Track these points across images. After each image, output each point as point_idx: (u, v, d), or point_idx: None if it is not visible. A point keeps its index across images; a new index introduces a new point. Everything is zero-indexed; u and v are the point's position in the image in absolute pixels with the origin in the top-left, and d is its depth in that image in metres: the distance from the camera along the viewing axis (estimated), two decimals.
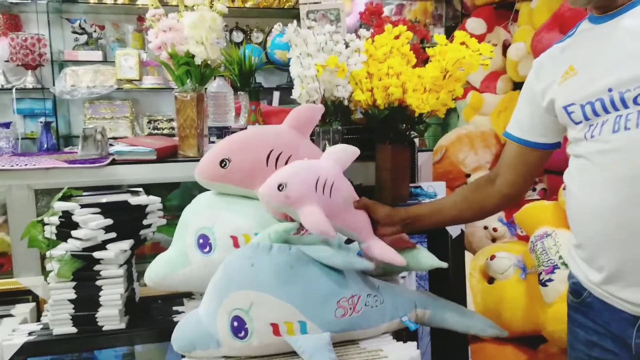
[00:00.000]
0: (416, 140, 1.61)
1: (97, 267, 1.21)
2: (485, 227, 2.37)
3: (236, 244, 1.11)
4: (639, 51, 0.91)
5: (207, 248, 1.13)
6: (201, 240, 1.14)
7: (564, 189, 1.88)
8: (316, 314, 0.97)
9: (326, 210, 1.00)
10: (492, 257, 2.00)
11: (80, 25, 3.31)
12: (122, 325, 1.23)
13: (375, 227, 1.15)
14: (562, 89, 1.02)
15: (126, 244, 1.24)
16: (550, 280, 1.69)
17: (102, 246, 1.21)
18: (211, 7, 1.60)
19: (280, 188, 0.98)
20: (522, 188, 1.19)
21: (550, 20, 2.29)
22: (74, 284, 1.20)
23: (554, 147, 1.13)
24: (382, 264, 1.18)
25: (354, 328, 1.03)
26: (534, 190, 2.44)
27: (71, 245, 1.19)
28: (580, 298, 1.04)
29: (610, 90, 0.93)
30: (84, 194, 1.31)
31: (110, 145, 1.68)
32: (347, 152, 1.09)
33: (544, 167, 1.18)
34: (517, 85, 2.67)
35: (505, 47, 2.64)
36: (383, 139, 1.50)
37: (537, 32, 2.34)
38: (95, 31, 3.35)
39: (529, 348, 1.99)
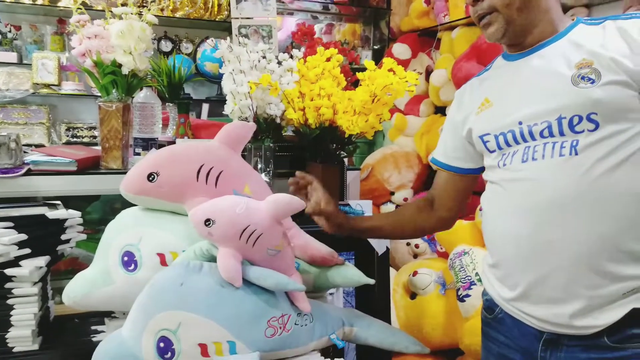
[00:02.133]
0: (345, 159, 1.65)
1: (8, 285, 1.13)
2: (408, 244, 2.46)
3: (163, 262, 1.08)
4: (545, 89, 0.99)
5: (132, 266, 1.09)
6: (126, 258, 1.09)
7: (480, 209, 2.00)
8: (246, 333, 0.97)
9: (245, 257, 1.01)
10: (415, 273, 2.08)
11: None
12: (35, 347, 1.15)
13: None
14: (478, 119, 1.11)
15: (42, 261, 1.17)
16: (467, 295, 1.79)
17: (15, 262, 1.13)
18: (140, 16, 1.56)
19: (207, 223, 0.98)
20: (457, 211, 1.28)
21: (468, 50, 2.45)
22: None
23: (479, 171, 1.21)
24: (312, 282, 1.20)
25: (284, 347, 1.03)
26: None
27: None
28: (492, 314, 1.12)
29: (520, 123, 1.01)
30: None
31: (25, 153, 1.58)
32: (290, 206, 1.04)
33: None
34: (439, 109, 2.83)
35: (428, 72, 2.79)
36: (314, 157, 1.53)
37: (457, 61, 2.49)
38: (10, 31, 3.14)
39: None
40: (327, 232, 1.22)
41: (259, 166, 1.51)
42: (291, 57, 1.51)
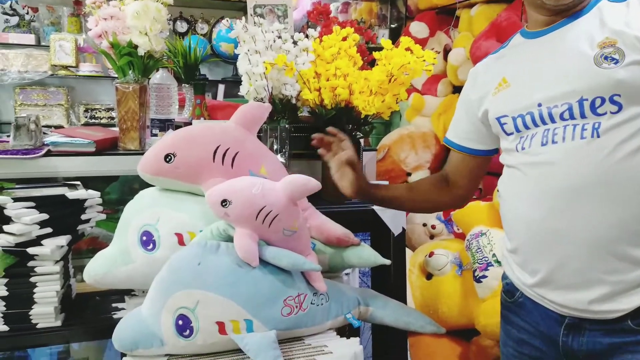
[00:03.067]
0: (361, 140, 1.64)
1: (31, 264, 1.16)
2: (424, 225, 2.45)
3: (181, 242, 1.10)
4: (566, 69, 0.95)
5: (151, 245, 1.11)
6: (144, 238, 1.11)
7: (497, 190, 1.98)
8: (263, 312, 0.98)
9: (262, 237, 1.02)
10: (431, 254, 2.08)
11: (11, 6, 3.11)
12: (58, 323, 1.19)
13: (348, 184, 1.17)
14: (495, 100, 1.07)
15: (63, 240, 1.20)
16: (484, 277, 1.78)
17: (37, 242, 1.16)
18: None
19: (224, 204, 0.99)
20: (471, 189, 1.26)
21: (488, 28, 2.40)
22: (5, 280, 1.14)
23: (492, 153, 1.19)
24: (327, 262, 1.20)
25: (300, 326, 1.05)
26: None
27: (3, 240, 1.13)
28: (513, 298, 1.11)
29: (539, 105, 0.97)
30: (17, 186, 1.25)
31: (45, 134, 1.60)
32: (306, 187, 1.04)
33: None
34: (457, 89, 2.78)
35: (446, 51, 2.74)
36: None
37: (475, 39, 2.44)
38: (27, 13, 3.16)
39: (463, 340, 2.08)
40: (347, 194, 1.17)
41: (275, 147, 1.50)
42: (307, 36, 1.50)
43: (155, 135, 1.71)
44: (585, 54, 0.93)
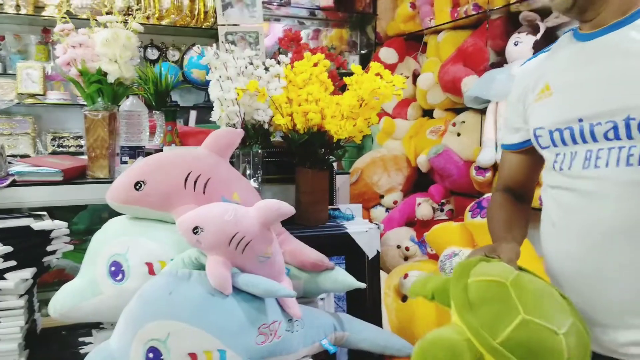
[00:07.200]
0: (334, 164, 1.65)
1: None
2: (398, 246, 2.46)
3: (152, 271, 1.07)
4: (613, 82, 0.84)
5: (120, 276, 1.08)
6: (113, 268, 1.08)
7: (469, 210, 2.01)
8: (236, 341, 0.96)
9: (235, 264, 1.01)
10: (405, 276, 2.08)
11: None
12: None
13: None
14: (536, 108, 0.98)
15: (27, 273, 1.16)
16: None
17: None
18: (125, 24, 1.55)
19: (196, 231, 0.97)
20: (533, 189, 1.15)
21: (455, 54, 2.47)
22: None
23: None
24: (302, 287, 1.19)
25: (275, 354, 1.03)
26: (442, 211, 2.58)
27: None
28: None
29: (580, 120, 0.87)
30: None
31: (10, 164, 1.56)
32: (279, 212, 1.03)
33: (453, 188, 1.21)
34: (427, 112, 2.84)
35: (415, 76, 2.80)
36: (303, 162, 1.53)
37: (443, 64, 2.50)
38: None
39: None
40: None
41: (248, 172, 1.50)
42: (278, 62, 1.51)
43: (125, 162, 1.68)
44: (636, 66, 0.83)
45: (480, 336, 0.79)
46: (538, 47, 2.06)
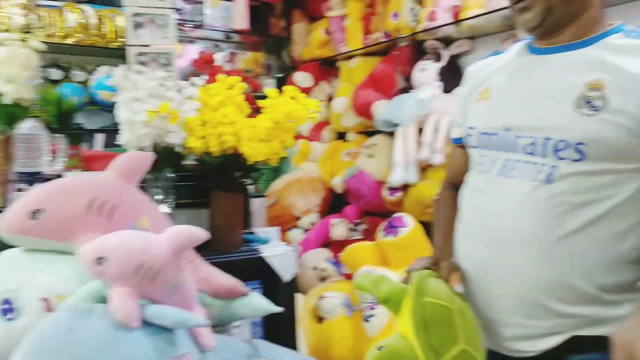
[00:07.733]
0: (250, 186, 1.64)
1: None
2: (315, 268, 2.47)
3: (49, 307, 0.99)
4: (544, 101, 0.89)
5: (11, 314, 0.98)
6: (5, 306, 0.99)
7: (382, 230, 2.07)
8: None
9: (143, 294, 0.95)
10: (321, 297, 2.09)
11: None
12: None
13: None
14: (475, 108, 1.03)
15: None
16: (372, 316, 1.83)
17: None
18: (24, 42, 1.46)
19: (100, 261, 0.92)
20: None
21: (367, 79, 2.56)
22: None
23: None
24: (217, 315, 1.16)
25: None
26: (357, 231, 2.64)
27: None
28: None
29: (507, 129, 0.93)
30: None
31: None
32: (191, 238, 0.99)
33: (367, 209, 1.25)
34: (341, 135, 2.91)
35: (330, 100, 2.87)
36: (218, 186, 1.50)
37: (356, 89, 2.59)
38: None
39: None
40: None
41: (159, 197, 1.45)
42: (192, 84, 1.49)
43: (20, 190, 1.56)
44: (568, 92, 0.87)
45: (429, 357, 0.91)
46: (444, 74, 2.19)
